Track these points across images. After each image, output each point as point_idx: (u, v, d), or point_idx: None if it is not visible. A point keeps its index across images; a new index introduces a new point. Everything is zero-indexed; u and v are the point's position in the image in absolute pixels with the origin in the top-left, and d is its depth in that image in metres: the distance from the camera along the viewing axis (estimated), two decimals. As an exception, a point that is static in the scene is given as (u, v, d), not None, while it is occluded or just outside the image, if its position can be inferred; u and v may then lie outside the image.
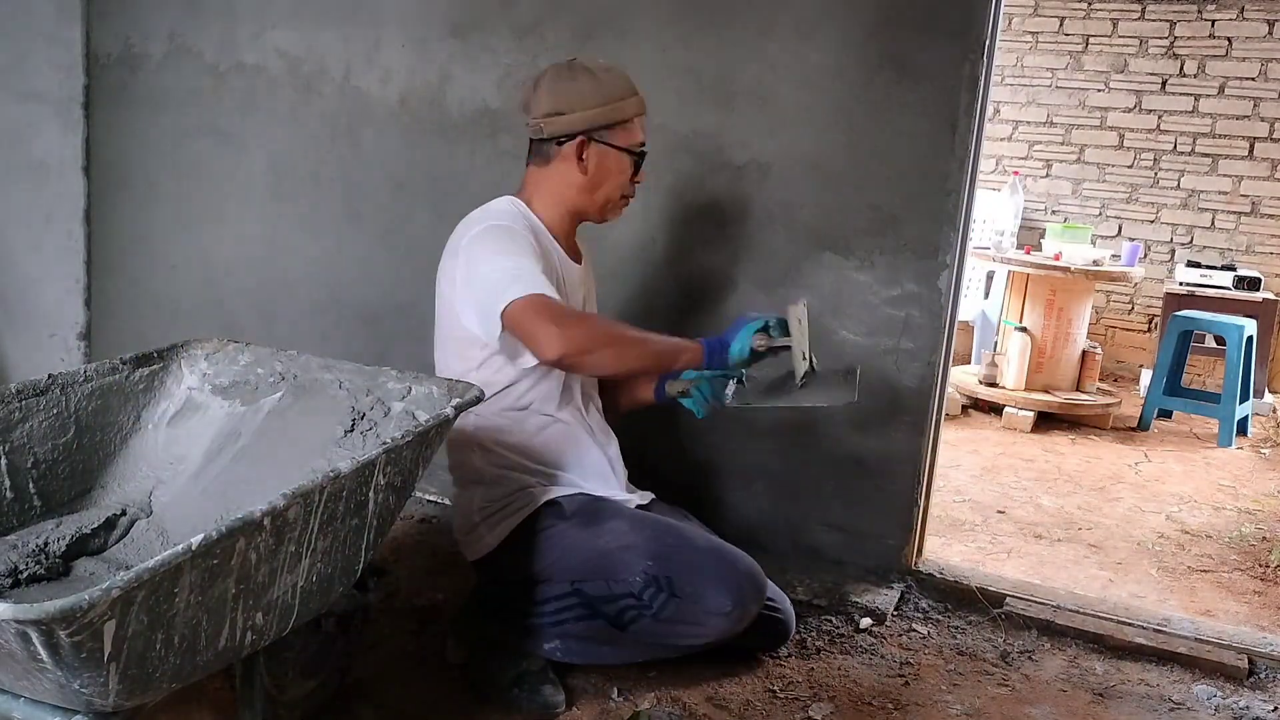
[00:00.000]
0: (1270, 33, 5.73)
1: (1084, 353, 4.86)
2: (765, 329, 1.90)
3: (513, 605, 1.99)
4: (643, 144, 1.99)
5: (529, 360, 1.91)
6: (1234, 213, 5.95)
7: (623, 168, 1.96)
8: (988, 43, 2.29)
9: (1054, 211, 6.31)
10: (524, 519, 1.95)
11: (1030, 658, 2.28)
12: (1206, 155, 5.95)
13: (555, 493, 1.97)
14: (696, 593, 1.84)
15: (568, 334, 1.74)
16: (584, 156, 1.93)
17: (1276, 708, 2.14)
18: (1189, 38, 5.89)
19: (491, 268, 1.82)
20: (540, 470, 2.00)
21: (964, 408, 4.81)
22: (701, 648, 1.93)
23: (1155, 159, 6.07)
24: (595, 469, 2.06)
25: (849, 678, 2.12)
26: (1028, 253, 4.90)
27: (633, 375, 2.08)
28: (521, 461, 1.99)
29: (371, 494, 1.50)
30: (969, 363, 5.29)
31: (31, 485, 1.65)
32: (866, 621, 2.34)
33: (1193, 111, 5.94)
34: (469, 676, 1.99)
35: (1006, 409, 4.66)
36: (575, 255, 2.08)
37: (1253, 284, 5.45)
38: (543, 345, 1.76)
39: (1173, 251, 6.11)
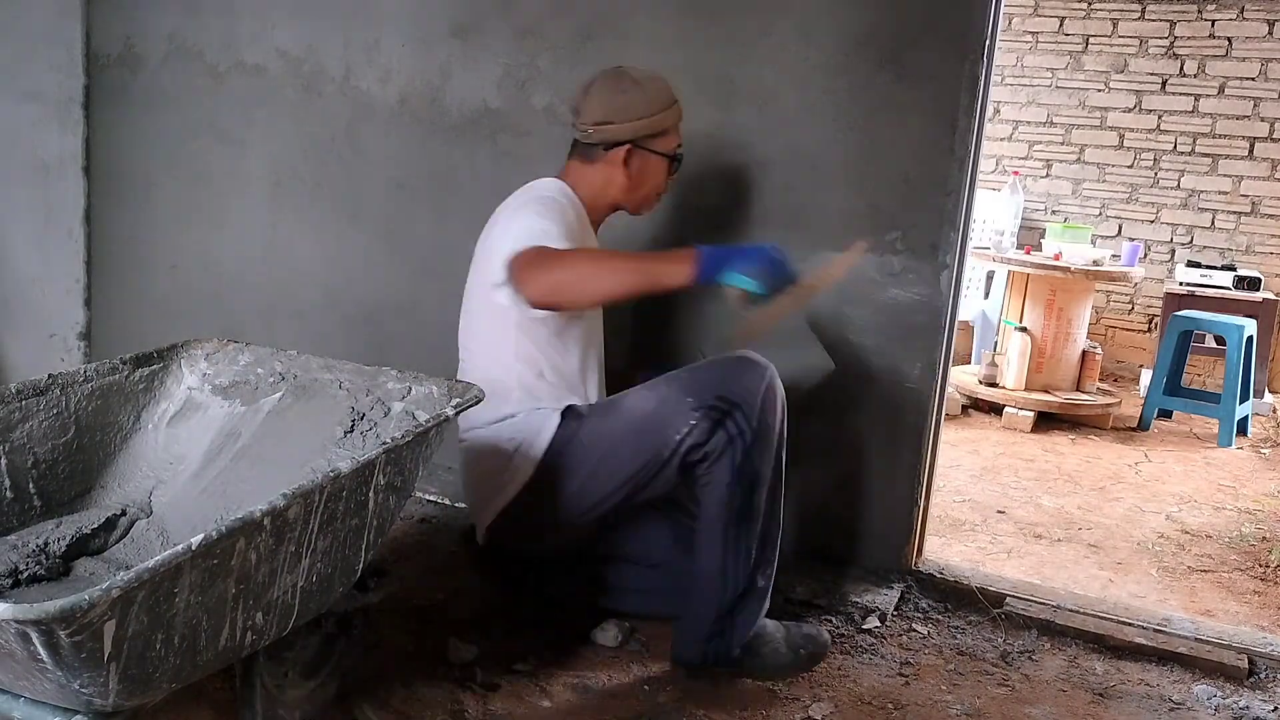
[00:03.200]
0: (1270, 33, 5.74)
1: (1084, 353, 4.86)
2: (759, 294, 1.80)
3: (709, 616, 1.97)
4: (679, 146, 2.13)
5: (553, 322, 1.98)
6: (1234, 213, 5.95)
7: (661, 170, 2.11)
8: (988, 43, 2.29)
9: (1054, 211, 6.31)
10: (552, 437, 1.96)
11: (1030, 658, 2.28)
12: (1206, 155, 5.95)
13: (569, 400, 2.02)
14: (740, 386, 1.88)
15: (546, 274, 1.79)
16: (629, 162, 2.06)
17: (1276, 708, 2.14)
18: (1189, 38, 5.89)
19: (519, 227, 1.90)
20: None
21: (964, 408, 4.81)
22: (782, 450, 1.97)
23: (1155, 159, 6.07)
24: None
25: (849, 678, 2.12)
26: (1028, 253, 4.90)
27: (621, 300, 1.99)
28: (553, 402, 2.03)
29: (371, 494, 1.51)
30: (969, 363, 5.29)
31: (31, 485, 1.65)
32: (867, 621, 2.34)
33: (1193, 111, 5.94)
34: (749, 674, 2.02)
35: (1006, 409, 4.66)
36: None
37: (1253, 284, 5.45)
38: (521, 285, 1.82)
39: (1173, 251, 6.11)
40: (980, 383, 4.81)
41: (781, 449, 2.00)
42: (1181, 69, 5.93)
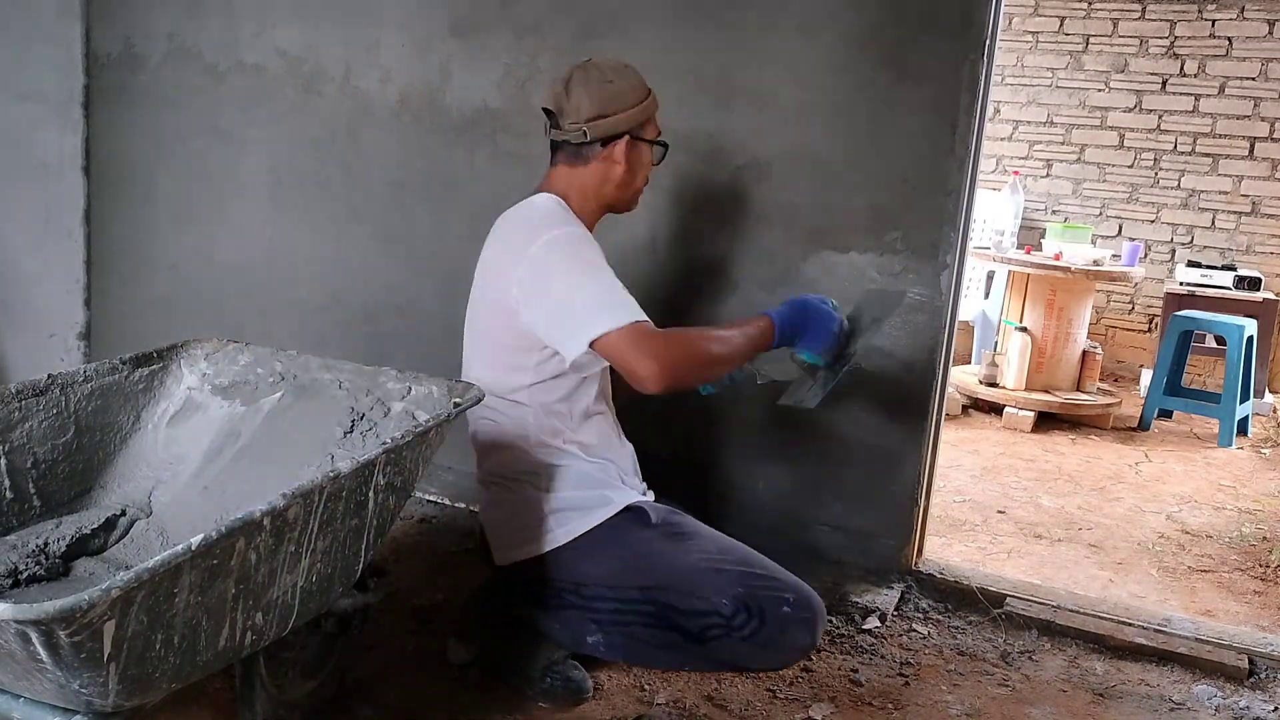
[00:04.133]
0: (1270, 33, 5.73)
1: (1084, 353, 4.85)
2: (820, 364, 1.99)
3: (540, 598, 1.99)
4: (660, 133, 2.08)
5: (593, 367, 1.96)
6: (1234, 213, 5.95)
7: (649, 159, 2.05)
8: (988, 42, 2.29)
9: (1054, 211, 6.31)
10: (602, 520, 1.96)
11: (1030, 658, 2.28)
12: (1207, 155, 5.95)
13: (634, 498, 2.01)
14: (785, 626, 1.90)
15: (666, 367, 1.77)
16: (628, 155, 1.98)
17: (1277, 708, 2.14)
18: (1189, 37, 5.89)
19: (576, 288, 1.82)
20: (594, 462, 2.01)
21: (964, 408, 4.81)
22: (764, 671, 1.98)
23: (1155, 159, 6.07)
24: (629, 461, 2.10)
25: (849, 678, 2.12)
26: (1028, 253, 4.90)
27: None
28: (577, 454, 2.00)
29: (371, 494, 1.51)
30: (969, 363, 5.29)
31: (31, 485, 1.65)
32: (867, 621, 2.34)
33: (1193, 111, 5.94)
34: (497, 665, 1.99)
35: (1006, 409, 4.66)
36: None
37: (1253, 284, 5.45)
38: (643, 379, 1.78)
39: (1173, 251, 6.11)
40: (980, 383, 4.81)
41: (728, 670, 2.01)
42: (1182, 69, 5.93)
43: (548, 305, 1.84)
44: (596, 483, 2.00)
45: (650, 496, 2.11)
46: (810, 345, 1.96)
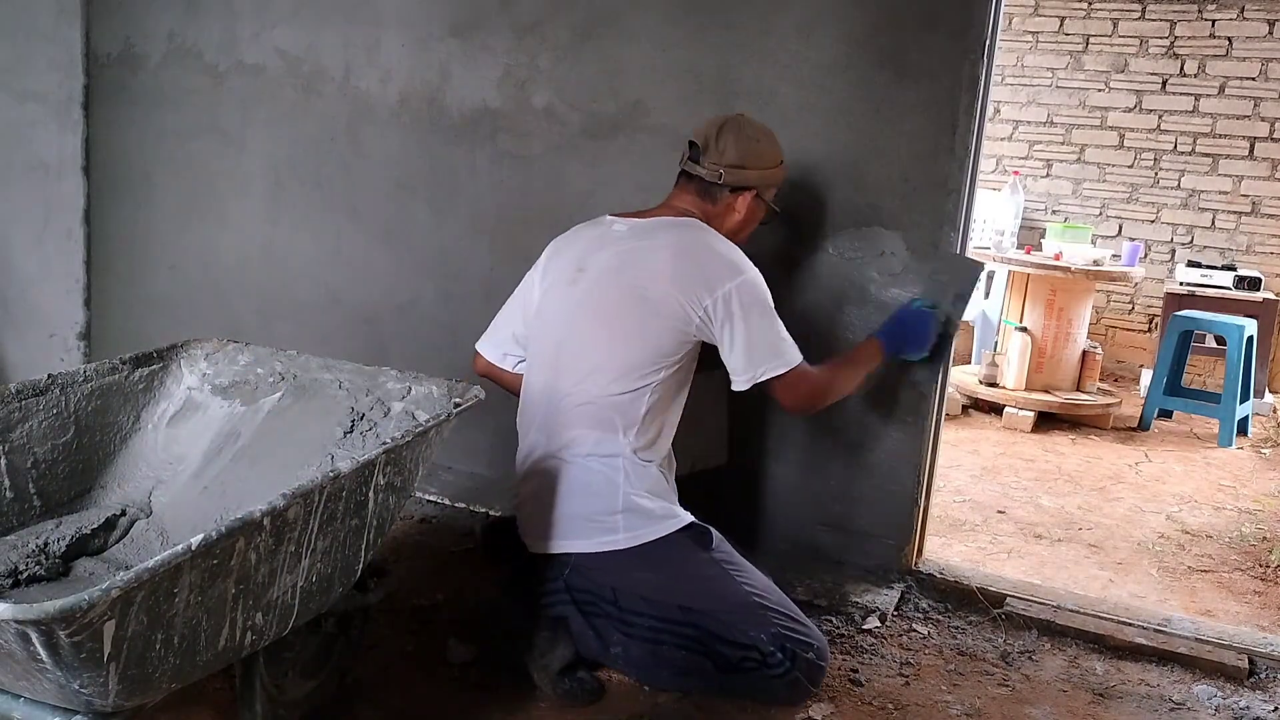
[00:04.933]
0: (1270, 33, 5.73)
1: (1084, 353, 4.85)
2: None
3: (576, 598, 1.99)
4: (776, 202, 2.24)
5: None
6: (1234, 213, 5.95)
7: (758, 219, 2.21)
8: (988, 42, 2.29)
9: (1054, 211, 6.31)
10: (668, 532, 1.98)
11: (1030, 658, 2.28)
12: (1207, 155, 5.95)
13: (696, 518, 2.03)
14: (807, 673, 1.97)
15: (806, 404, 2.10)
16: (749, 208, 2.15)
17: (1277, 708, 2.14)
18: (1189, 37, 5.89)
19: (764, 330, 2.02)
20: (664, 472, 2.08)
21: (964, 408, 4.81)
22: (766, 706, 1.99)
23: (1155, 159, 6.07)
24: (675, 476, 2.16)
25: (849, 678, 2.12)
26: (1028, 253, 4.90)
27: None
28: (655, 458, 2.05)
29: (371, 494, 1.51)
30: (969, 363, 5.29)
31: (31, 485, 1.65)
32: (867, 621, 2.34)
33: (1193, 111, 5.94)
34: (513, 657, 1.99)
35: (1006, 409, 4.66)
36: None
37: (1253, 284, 5.45)
38: (788, 409, 2.11)
39: (1173, 251, 6.11)
40: (980, 383, 4.81)
41: (736, 697, 2.00)
42: (1182, 69, 5.93)
43: (740, 340, 1.99)
44: (666, 492, 2.04)
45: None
46: (915, 349, 2.26)
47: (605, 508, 1.97)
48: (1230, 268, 5.64)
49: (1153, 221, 6.13)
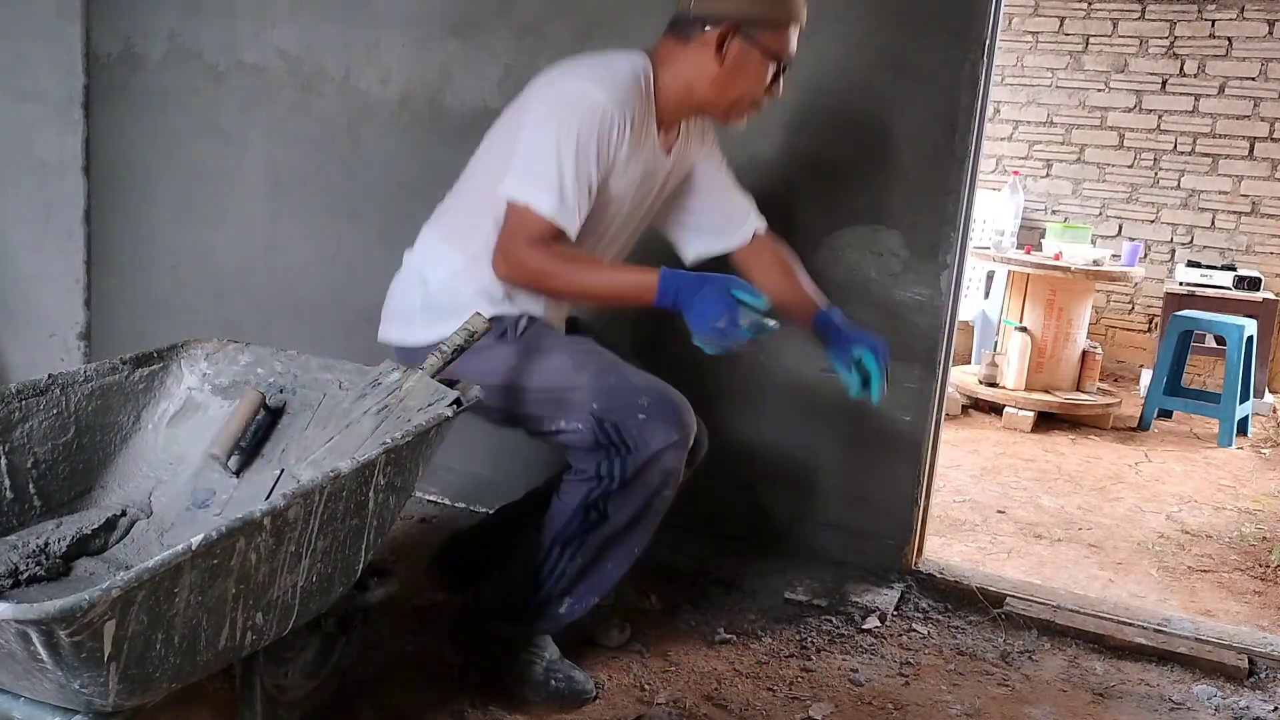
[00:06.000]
0: (1270, 33, 5.73)
1: (1084, 353, 4.85)
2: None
3: (513, 596, 1.96)
4: (787, 58, 1.85)
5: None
6: (1234, 213, 5.95)
7: (761, 74, 1.82)
8: (988, 42, 2.29)
9: (1054, 211, 6.31)
10: (516, 326, 1.85)
11: (1030, 658, 2.28)
12: (1207, 155, 5.95)
13: (500, 309, 1.87)
14: (642, 436, 1.75)
15: (516, 271, 1.78)
16: (724, 48, 1.79)
17: (1277, 708, 2.14)
18: (1189, 37, 5.89)
19: (538, 146, 1.74)
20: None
21: (964, 408, 4.81)
22: (668, 500, 1.84)
23: (1155, 159, 6.07)
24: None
25: (849, 678, 2.12)
26: (1028, 253, 4.90)
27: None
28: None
29: (371, 494, 1.51)
30: (969, 363, 5.29)
31: (31, 485, 1.65)
32: (867, 621, 2.34)
33: (1193, 111, 5.94)
34: (501, 677, 1.95)
35: (1006, 409, 4.66)
36: (668, 145, 1.94)
37: (1253, 284, 5.45)
38: (495, 263, 1.80)
39: (1173, 251, 6.11)
40: (980, 383, 4.81)
41: (650, 516, 1.84)
42: (1181, 69, 5.93)
43: (512, 146, 1.78)
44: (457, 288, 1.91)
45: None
46: (699, 322, 1.68)
47: (399, 308, 2.00)
48: (1230, 268, 5.64)
49: (1153, 221, 6.14)
